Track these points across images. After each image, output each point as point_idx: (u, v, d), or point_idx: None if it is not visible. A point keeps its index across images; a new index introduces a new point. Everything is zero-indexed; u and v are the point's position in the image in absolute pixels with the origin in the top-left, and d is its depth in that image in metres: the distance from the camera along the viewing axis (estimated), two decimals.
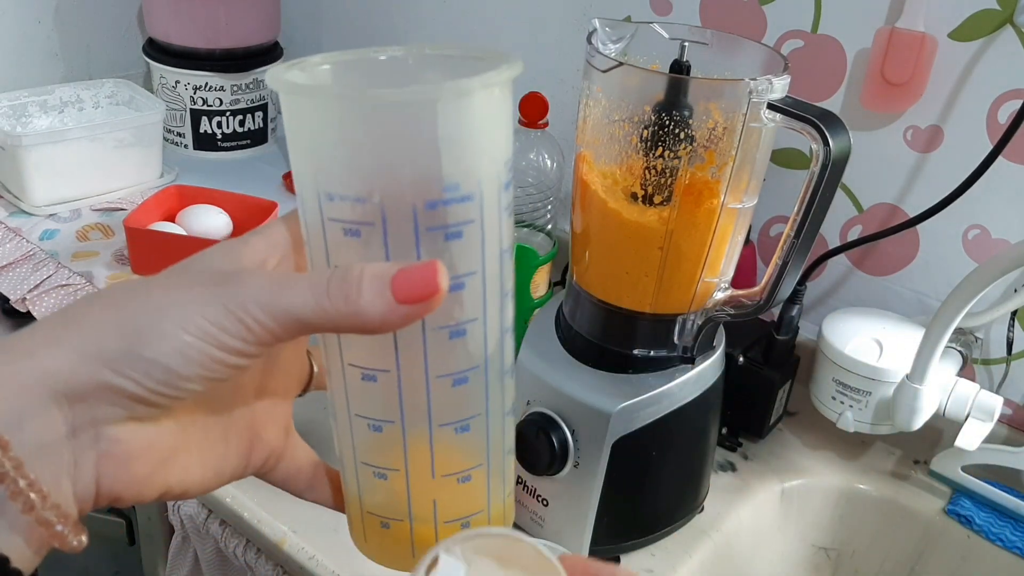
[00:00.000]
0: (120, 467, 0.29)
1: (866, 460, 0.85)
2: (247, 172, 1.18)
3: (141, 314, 0.28)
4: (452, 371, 0.32)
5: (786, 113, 0.58)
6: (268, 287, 0.28)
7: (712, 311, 0.67)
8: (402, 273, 0.28)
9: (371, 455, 0.34)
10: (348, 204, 0.29)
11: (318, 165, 0.29)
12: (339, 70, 0.33)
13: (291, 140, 0.31)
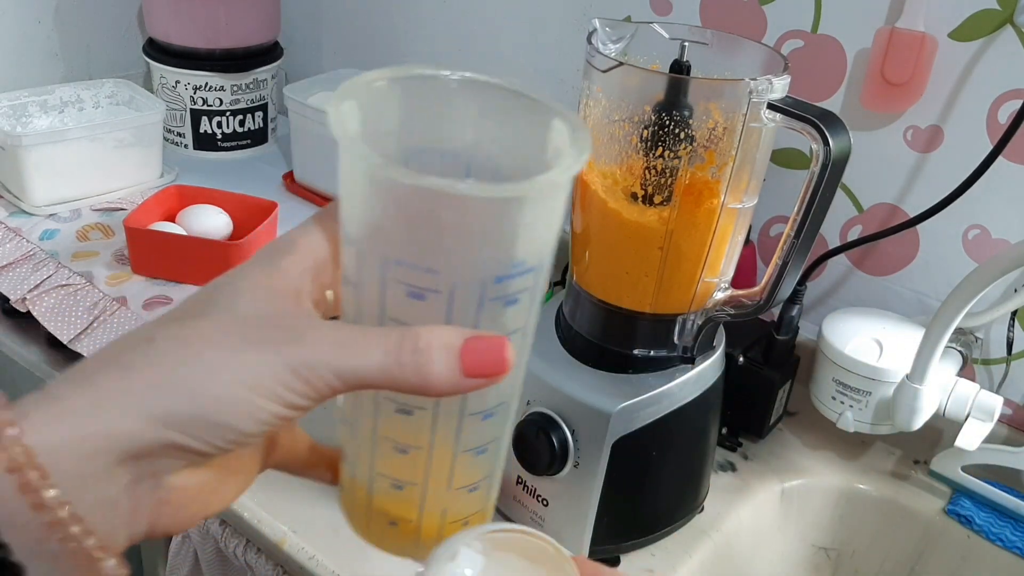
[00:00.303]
0: (176, 511, 0.30)
1: (866, 460, 0.85)
2: (247, 172, 1.18)
3: (211, 377, 0.28)
4: (484, 408, 0.33)
5: (786, 113, 0.58)
6: (338, 350, 0.28)
7: (712, 311, 0.67)
8: (472, 347, 0.29)
9: (391, 470, 0.34)
10: (417, 272, 0.29)
11: (388, 234, 0.29)
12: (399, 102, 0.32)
13: (352, 202, 0.30)
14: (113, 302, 0.86)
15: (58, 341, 0.82)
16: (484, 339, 0.29)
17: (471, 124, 0.32)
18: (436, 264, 0.29)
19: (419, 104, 0.32)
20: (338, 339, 0.29)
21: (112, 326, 0.83)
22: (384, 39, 1.20)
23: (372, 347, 0.28)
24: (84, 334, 0.82)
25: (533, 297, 0.31)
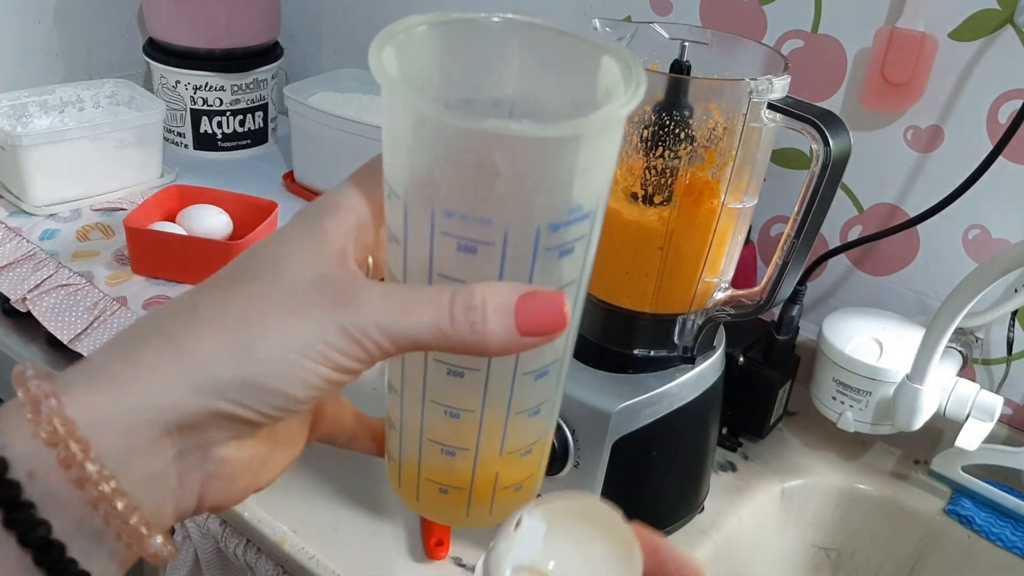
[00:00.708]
0: (226, 485, 0.30)
1: (866, 460, 0.85)
2: (247, 172, 1.18)
3: (259, 342, 0.27)
4: (538, 367, 0.32)
5: (786, 113, 0.58)
6: (389, 310, 0.27)
7: (712, 311, 0.67)
8: (528, 303, 0.27)
9: (442, 436, 0.34)
10: (469, 224, 0.27)
11: (438, 184, 0.27)
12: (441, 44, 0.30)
13: (397, 151, 0.28)
14: (113, 302, 0.86)
15: (58, 341, 0.82)
16: (540, 294, 0.28)
17: (515, 68, 0.31)
18: (489, 213, 0.27)
19: (460, 50, 0.30)
20: (388, 299, 0.28)
21: (112, 326, 0.83)
22: None
23: (424, 306, 0.27)
24: (84, 334, 0.82)
25: (588, 246, 0.30)
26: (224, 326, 0.27)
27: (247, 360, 0.27)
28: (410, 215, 0.28)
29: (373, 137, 0.99)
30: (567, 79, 0.31)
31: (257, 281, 0.28)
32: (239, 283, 0.28)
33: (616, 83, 0.29)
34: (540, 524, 0.32)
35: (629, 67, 0.29)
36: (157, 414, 0.26)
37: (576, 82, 0.31)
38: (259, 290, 0.28)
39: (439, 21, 0.30)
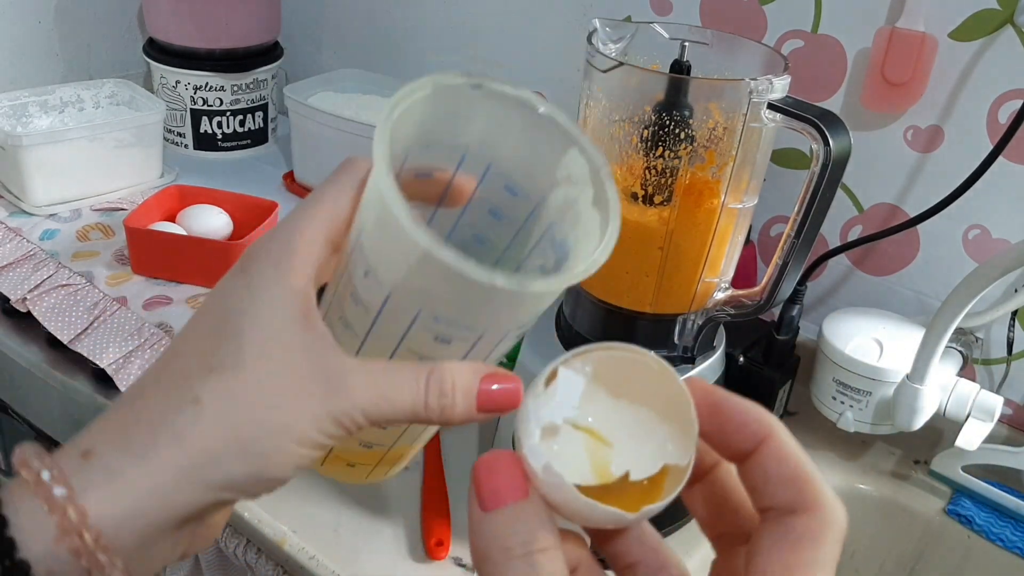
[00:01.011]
0: (210, 534, 0.33)
1: (866, 460, 0.85)
2: (247, 172, 1.18)
3: (262, 438, 0.29)
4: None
5: (786, 113, 0.58)
6: (373, 397, 0.30)
7: (712, 311, 0.67)
8: (488, 387, 0.31)
9: (365, 436, 0.36)
10: (452, 327, 0.31)
11: (430, 296, 0.30)
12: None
13: (391, 257, 0.30)
14: (113, 302, 0.86)
15: (58, 341, 0.82)
16: (500, 378, 0.31)
17: (481, 125, 0.33)
18: (472, 323, 0.31)
19: (435, 108, 0.32)
20: (371, 384, 0.30)
21: (112, 326, 0.83)
22: (384, 39, 1.20)
23: (403, 393, 0.30)
24: (84, 334, 0.82)
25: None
26: (228, 424, 0.29)
27: (252, 455, 0.29)
28: (392, 304, 0.30)
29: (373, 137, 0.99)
30: (530, 148, 0.33)
31: (248, 366, 0.29)
32: (233, 369, 0.29)
33: (580, 173, 0.31)
34: (579, 377, 0.30)
35: (599, 173, 0.31)
36: (171, 512, 0.29)
37: (538, 153, 0.33)
38: (253, 378, 0.29)
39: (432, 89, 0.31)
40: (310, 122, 1.05)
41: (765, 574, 0.26)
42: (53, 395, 0.83)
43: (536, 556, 0.27)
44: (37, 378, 0.84)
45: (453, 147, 0.33)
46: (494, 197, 0.34)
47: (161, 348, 0.80)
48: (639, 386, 0.30)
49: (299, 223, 0.32)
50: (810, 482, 0.27)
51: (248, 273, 0.31)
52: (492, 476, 0.28)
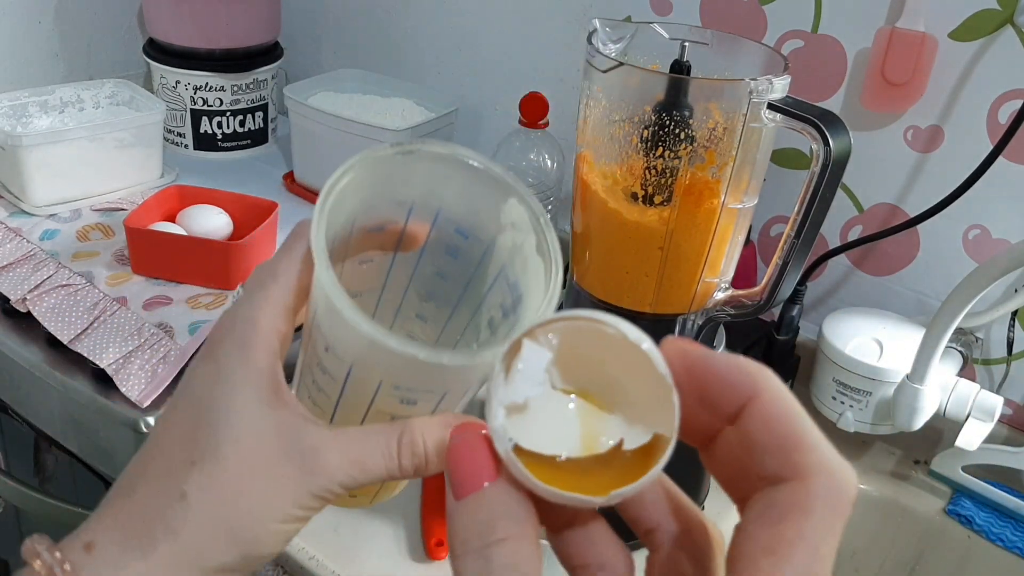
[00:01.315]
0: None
1: (866, 460, 0.85)
2: (247, 172, 1.18)
3: (249, 524, 0.31)
4: None
5: (786, 113, 0.58)
6: (349, 469, 0.31)
7: (712, 311, 0.67)
8: (457, 446, 0.29)
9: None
10: (414, 391, 0.32)
11: (387, 371, 0.31)
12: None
13: (346, 342, 0.31)
14: (113, 302, 0.86)
15: (58, 341, 0.82)
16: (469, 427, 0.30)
17: (422, 179, 0.34)
18: (433, 387, 0.32)
19: (371, 176, 0.33)
20: (345, 457, 0.31)
21: (112, 326, 0.83)
22: (384, 39, 1.20)
23: (376, 458, 0.32)
24: (84, 334, 0.82)
25: None
26: (215, 515, 0.31)
27: (241, 541, 0.31)
28: (354, 374, 0.32)
29: (373, 137, 0.99)
30: (471, 198, 0.34)
31: (228, 456, 0.31)
32: (213, 460, 0.31)
33: (521, 220, 0.33)
34: (545, 351, 0.28)
35: (539, 221, 0.32)
36: None
37: (480, 202, 0.34)
38: (234, 468, 0.31)
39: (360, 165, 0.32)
40: (310, 122, 1.05)
41: (747, 555, 0.23)
42: (53, 395, 0.83)
43: (491, 549, 0.25)
44: (37, 378, 0.84)
45: (399, 203, 0.34)
46: (448, 239, 0.35)
47: (161, 348, 0.80)
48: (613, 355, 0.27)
49: (258, 300, 0.33)
50: (800, 447, 0.24)
51: (216, 358, 0.32)
52: (462, 461, 0.27)
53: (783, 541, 0.23)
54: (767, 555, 0.23)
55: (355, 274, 0.36)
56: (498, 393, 0.27)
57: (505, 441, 0.26)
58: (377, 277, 0.37)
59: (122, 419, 0.78)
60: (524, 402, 0.27)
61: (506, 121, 1.09)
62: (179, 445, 0.31)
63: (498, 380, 0.27)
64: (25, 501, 0.94)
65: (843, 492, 0.24)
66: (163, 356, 0.80)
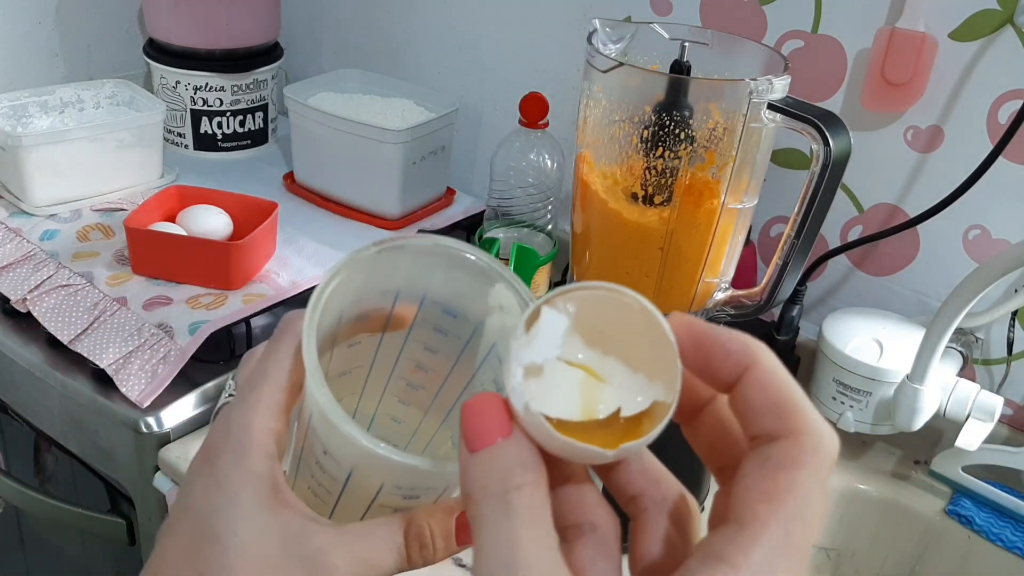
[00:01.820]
0: None
1: (866, 460, 0.85)
2: (247, 172, 1.18)
3: None
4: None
5: (786, 113, 0.58)
6: (356, 567, 0.32)
7: (712, 311, 0.67)
8: (466, 524, 0.30)
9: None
10: (416, 489, 0.33)
11: (390, 476, 0.32)
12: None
13: (342, 442, 0.31)
14: (113, 302, 0.86)
15: (58, 341, 0.82)
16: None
17: (405, 270, 0.35)
18: (434, 484, 0.33)
19: (356, 277, 0.34)
20: (352, 557, 0.32)
21: (112, 326, 0.83)
22: (384, 39, 1.20)
23: (383, 555, 0.32)
24: (84, 334, 0.82)
25: None
26: None
27: None
28: (355, 478, 0.32)
29: (373, 137, 0.99)
30: (456, 283, 0.35)
31: (232, 570, 0.31)
32: (217, 572, 0.31)
33: (510, 303, 0.34)
34: (562, 316, 0.30)
35: (528, 306, 0.32)
36: None
37: (466, 287, 0.35)
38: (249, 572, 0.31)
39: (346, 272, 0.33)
40: (310, 122, 1.05)
41: (745, 503, 0.26)
42: (53, 395, 0.83)
43: (511, 494, 0.27)
44: (37, 378, 0.84)
45: (385, 292, 0.35)
46: (435, 320, 0.36)
47: (161, 348, 0.80)
48: (623, 325, 0.30)
49: (251, 402, 0.33)
50: (792, 409, 0.27)
51: (213, 467, 0.33)
52: (477, 417, 0.29)
53: (778, 489, 0.26)
54: (764, 502, 0.26)
55: (344, 356, 0.36)
56: (519, 354, 0.29)
57: (524, 397, 0.28)
58: (366, 355, 0.37)
59: (122, 419, 0.78)
60: (541, 364, 0.29)
61: (506, 121, 1.09)
62: (185, 559, 0.32)
63: (519, 342, 0.29)
64: (25, 501, 0.94)
65: (829, 449, 0.27)
66: (163, 356, 0.80)
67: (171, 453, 0.77)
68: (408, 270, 0.34)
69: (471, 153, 1.17)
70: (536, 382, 0.29)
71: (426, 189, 1.06)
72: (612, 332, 0.30)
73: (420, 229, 1.04)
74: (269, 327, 0.90)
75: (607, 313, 0.30)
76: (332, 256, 0.96)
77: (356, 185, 1.04)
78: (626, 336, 0.30)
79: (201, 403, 0.81)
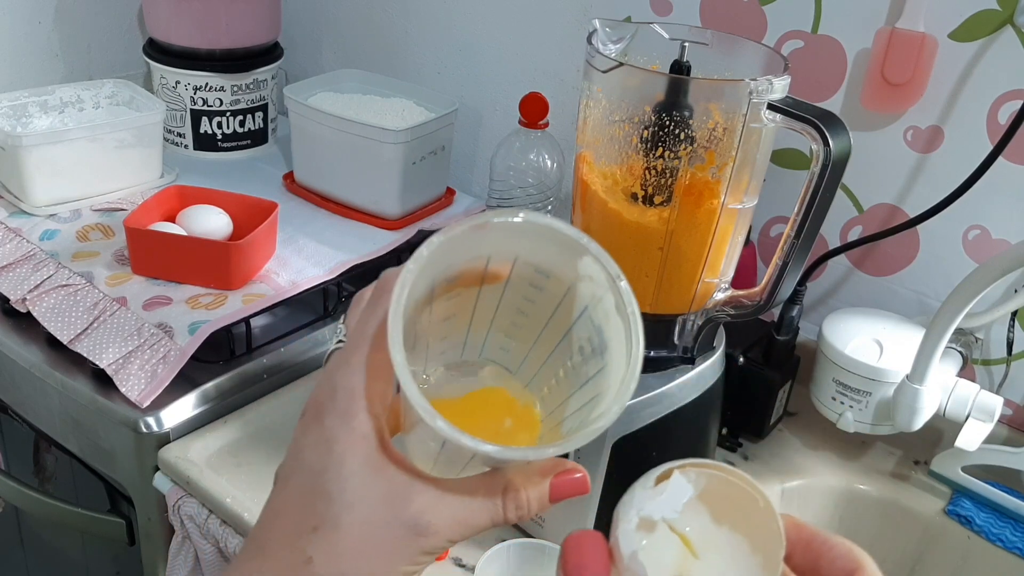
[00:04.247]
0: None
1: (866, 460, 0.85)
2: (247, 172, 1.18)
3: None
4: None
5: (786, 113, 0.58)
6: (456, 527, 0.34)
7: (712, 311, 0.67)
8: (559, 486, 0.36)
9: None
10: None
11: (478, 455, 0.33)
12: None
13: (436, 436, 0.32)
14: (113, 302, 0.86)
15: (58, 341, 0.82)
16: (567, 475, 0.36)
17: (495, 244, 0.35)
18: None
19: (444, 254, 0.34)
20: (452, 518, 0.34)
21: (112, 326, 0.83)
22: (384, 39, 1.20)
23: (482, 516, 0.34)
24: (84, 334, 0.82)
25: None
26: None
27: None
28: (448, 446, 0.33)
29: (373, 137, 0.99)
30: (546, 252, 0.35)
31: (342, 525, 0.33)
32: (335, 529, 0.33)
33: (598, 275, 0.34)
34: (689, 486, 0.32)
35: (615, 282, 0.33)
36: None
37: (555, 255, 0.35)
38: (349, 536, 0.33)
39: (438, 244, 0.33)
40: (310, 122, 1.05)
41: None
42: (53, 395, 0.83)
43: None
44: (37, 378, 0.84)
45: (476, 257, 0.35)
46: (529, 276, 0.36)
47: (161, 348, 0.80)
48: (741, 513, 0.32)
49: (355, 365, 0.35)
50: None
51: (322, 425, 0.34)
52: (578, 552, 0.31)
53: None
54: None
55: (445, 305, 0.37)
56: (642, 504, 0.31)
57: (633, 544, 0.30)
58: (467, 302, 0.38)
59: (122, 419, 0.78)
60: (657, 520, 0.31)
61: (506, 121, 1.09)
62: (299, 512, 0.34)
63: (645, 493, 0.31)
64: (25, 501, 0.94)
65: None
66: (163, 356, 0.80)
67: (171, 453, 0.77)
68: (497, 242, 0.34)
69: (471, 153, 1.17)
70: (642, 535, 0.31)
71: (426, 189, 1.06)
72: (730, 517, 0.32)
73: (420, 229, 1.04)
74: (269, 327, 0.90)
75: (732, 498, 0.32)
76: (332, 256, 0.96)
77: (356, 185, 1.04)
78: (741, 525, 0.32)
79: (201, 403, 0.81)
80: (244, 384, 0.84)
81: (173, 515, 0.78)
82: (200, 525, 0.76)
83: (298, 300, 0.91)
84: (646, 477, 0.31)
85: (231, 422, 0.81)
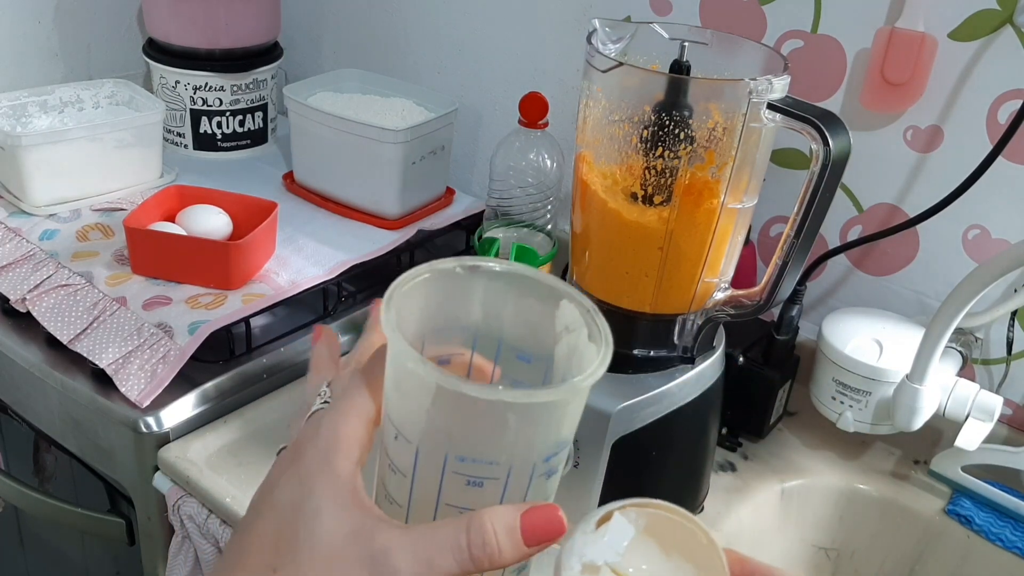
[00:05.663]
0: None
1: (866, 460, 0.85)
2: (247, 172, 1.18)
3: None
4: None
5: (786, 113, 0.58)
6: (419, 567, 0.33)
7: (712, 311, 0.67)
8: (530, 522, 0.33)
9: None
10: (479, 465, 0.33)
11: (452, 436, 0.32)
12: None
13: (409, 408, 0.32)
14: (113, 302, 0.86)
15: (58, 341, 0.82)
16: (539, 511, 0.33)
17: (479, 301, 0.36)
18: (498, 457, 0.33)
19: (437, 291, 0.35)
20: (415, 556, 0.33)
21: (112, 326, 0.83)
22: (384, 39, 1.20)
23: (447, 556, 0.33)
24: (84, 334, 0.82)
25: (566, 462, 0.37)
26: None
27: None
28: (421, 458, 0.33)
29: (373, 137, 0.99)
30: (527, 313, 0.36)
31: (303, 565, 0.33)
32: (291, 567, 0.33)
33: (576, 322, 0.35)
34: (630, 527, 0.32)
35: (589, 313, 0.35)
36: None
37: (536, 315, 0.36)
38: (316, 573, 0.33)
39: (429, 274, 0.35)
40: (310, 122, 1.05)
41: None
42: (53, 395, 0.83)
43: None
44: (37, 378, 0.84)
45: (464, 329, 0.36)
46: (511, 371, 0.38)
47: (161, 348, 0.80)
48: (683, 550, 0.32)
49: (343, 409, 0.36)
50: None
51: (299, 465, 0.35)
52: None
53: None
54: None
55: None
56: (583, 549, 0.31)
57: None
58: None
59: (122, 419, 0.78)
60: (600, 565, 0.31)
61: (506, 121, 1.09)
62: (262, 550, 0.34)
63: (586, 537, 0.31)
64: (25, 501, 0.94)
65: None
66: (163, 356, 0.80)
67: (170, 453, 0.77)
68: (483, 297, 0.36)
69: (471, 153, 1.17)
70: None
71: (426, 189, 1.06)
72: (672, 555, 0.32)
73: (420, 229, 1.04)
74: (269, 327, 0.90)
75: (673, 535, 0.32)
76: (332, 256, 0.96)
77: (356, 185, 1.04)
78: (684, 562, 0.32)
79: (201, 403, 0.81)
80: (244, 384, 0.84)
81: (173, 515, 0.78)
82: (200, 525, 0.76)
83: (298, 300, 0.91)
84: (586, 521, 0.31)
85: (231, 422, 0.81)
